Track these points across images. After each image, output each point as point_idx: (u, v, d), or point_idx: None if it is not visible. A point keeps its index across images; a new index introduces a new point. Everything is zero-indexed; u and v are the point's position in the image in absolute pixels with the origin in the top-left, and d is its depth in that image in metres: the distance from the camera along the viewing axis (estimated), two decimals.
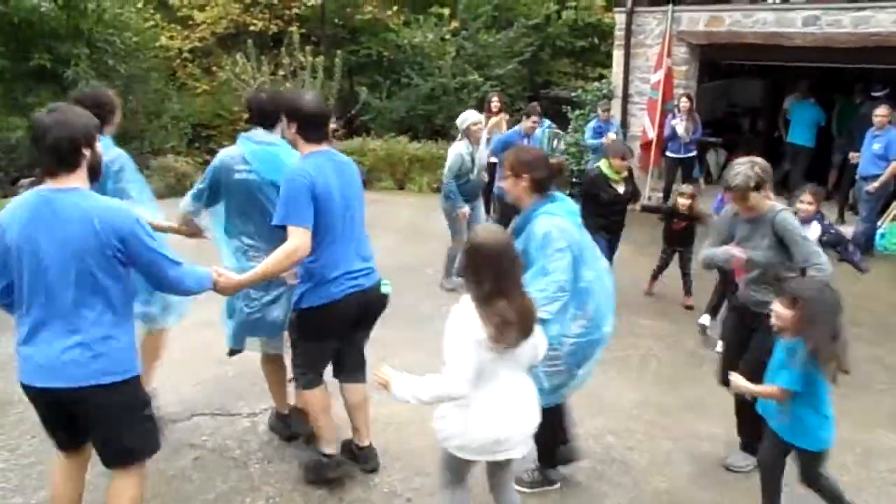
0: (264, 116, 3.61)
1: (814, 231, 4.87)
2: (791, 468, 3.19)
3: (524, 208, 3.19)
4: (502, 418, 2.60)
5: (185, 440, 3.86)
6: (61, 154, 2.47)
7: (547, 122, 9.41)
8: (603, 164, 5.96)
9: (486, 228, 2.88)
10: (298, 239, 3.09)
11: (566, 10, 14.59)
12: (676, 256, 6.42)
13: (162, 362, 4.03)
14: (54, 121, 2.47)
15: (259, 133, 3.60)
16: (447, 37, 13.84)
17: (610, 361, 4.96)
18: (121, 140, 12.23)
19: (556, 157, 9.35)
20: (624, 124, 9.87)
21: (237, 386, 4.45)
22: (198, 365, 4.61)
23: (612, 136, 8.75)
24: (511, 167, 3.18)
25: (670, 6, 9.19)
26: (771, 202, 3.61)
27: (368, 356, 3.65)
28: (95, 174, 2.62)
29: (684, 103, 8.76)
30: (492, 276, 2.51)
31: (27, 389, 2.58)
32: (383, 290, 3.48)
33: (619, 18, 9.90)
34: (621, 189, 5.93)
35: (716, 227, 3.95)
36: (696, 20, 9.13)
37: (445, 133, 13.12)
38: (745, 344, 3.61)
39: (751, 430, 3.63)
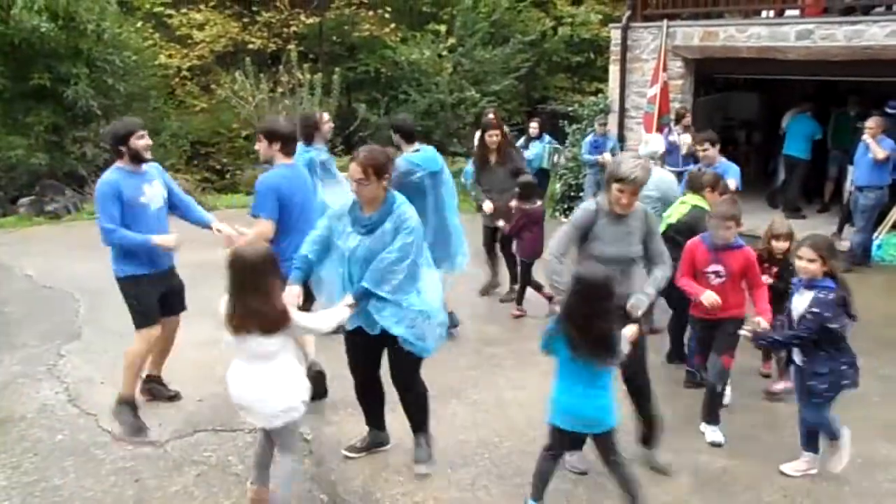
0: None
1: (804, 301, 3.67)
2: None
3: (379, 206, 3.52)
4: (236, 390, 3.22)
5: (188, 456, 3.87)
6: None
7: (547, 137, 9.48)
8: (698, 201, 4.95)
9: (250, 245, 3.30)
10: (263, 226, 4.19)
11: (562, 26, 14.75)
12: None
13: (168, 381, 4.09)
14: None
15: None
16: (444, 53, 13.98)
17: None
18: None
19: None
20: (621, 138, 9.93)
21: None
22: (200, 382, 4.62)
23: (607, 156, 8.78)
24: (375, 171, 3.43)
25: (665, 21, 9.29)
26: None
27: None
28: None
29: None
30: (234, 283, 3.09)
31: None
32: None
33: (615, 34, 9.99)
34: None
35: (573, 224, 3.73)
36: (691, 35, 9.23)
37: (443, 149, 13.20)
38: None
39: None
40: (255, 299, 3.05)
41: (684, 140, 8.78)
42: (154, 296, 4.16)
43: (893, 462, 4.04)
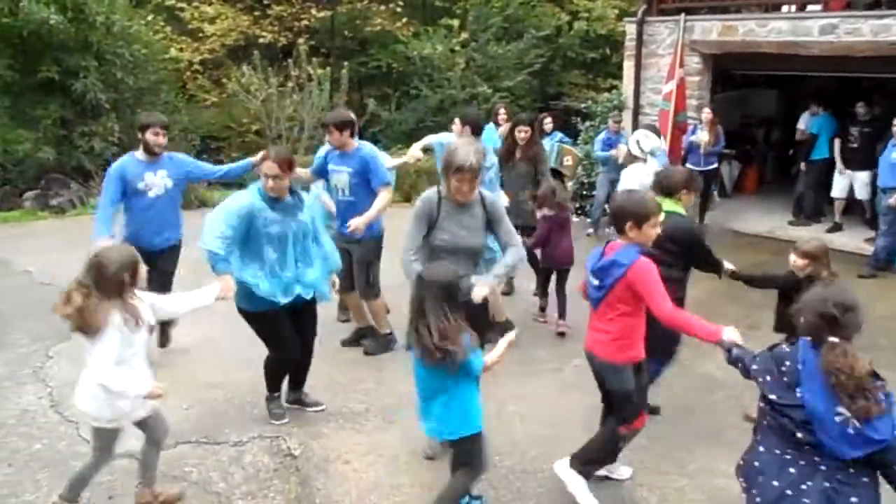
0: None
1: None
2: None
3: None
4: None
5: (168, 471, 3.67)
6: None
7: (559, 134, 9.19)
8: (671, 206, 4.10)
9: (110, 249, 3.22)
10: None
11: (578, 21, 14.44)
12: None
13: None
14: None
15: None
16: (457, 48, 13.73)
17: None
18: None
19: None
20: None
21: (225, 412, 4.28)
22: (187, 389, 4.44)
23: (622, 148, 8.53)
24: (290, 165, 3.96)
25: (682, 15, 8.98)
26: None
27: None
28: None
29: (707, 115, 8.55)
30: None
31: None
32: None
33: (630, 28, 9.69)
34: None
35: (416, 216, 3.61)
36: (709, 29, 8.91)
37: None
38: None
39: None
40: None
41: (703, 138, 8.51)
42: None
43: None
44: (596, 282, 3.33)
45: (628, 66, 9.78)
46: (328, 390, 4.61)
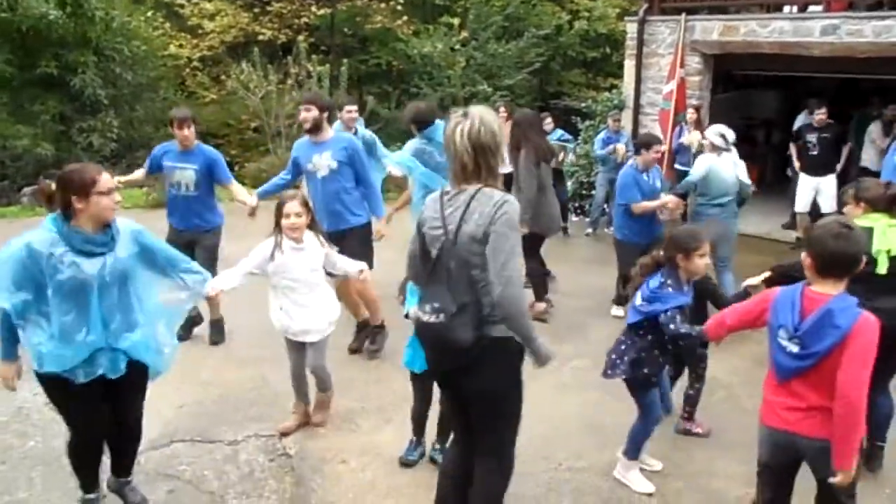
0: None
1: None
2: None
3: None
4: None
5: (162, 469, 3.65)
6: None
7: (559, 131, 9.15)
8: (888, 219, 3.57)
9: None
10: None
11: (578, 20, 14.41)
12: None
13: None
14: None
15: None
16: (457, 47, 13.70)
17: (616, 386, 4.70)
18: (128, 148, 12.03)
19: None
20: (635, 135, 9.61)
21: (220, 410, 4.24)
22: (182, 386, 4.40)
23: (620, 147, 8.52)
24: None
25: (683, 15, 8.95)
26: None
27: None
28: None
29: (691, 115, 8.51)
30: None
31: None
32: None
33: (631, 28, 9.67)
34: None
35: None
36: (710, 29, 8.89)
37: None
38: None
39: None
40: None
41: (694, 137, 8.46)
42: None
43: None
44: (794, 348, 2.54)
45: (629, 66, 9.75)
46: None
